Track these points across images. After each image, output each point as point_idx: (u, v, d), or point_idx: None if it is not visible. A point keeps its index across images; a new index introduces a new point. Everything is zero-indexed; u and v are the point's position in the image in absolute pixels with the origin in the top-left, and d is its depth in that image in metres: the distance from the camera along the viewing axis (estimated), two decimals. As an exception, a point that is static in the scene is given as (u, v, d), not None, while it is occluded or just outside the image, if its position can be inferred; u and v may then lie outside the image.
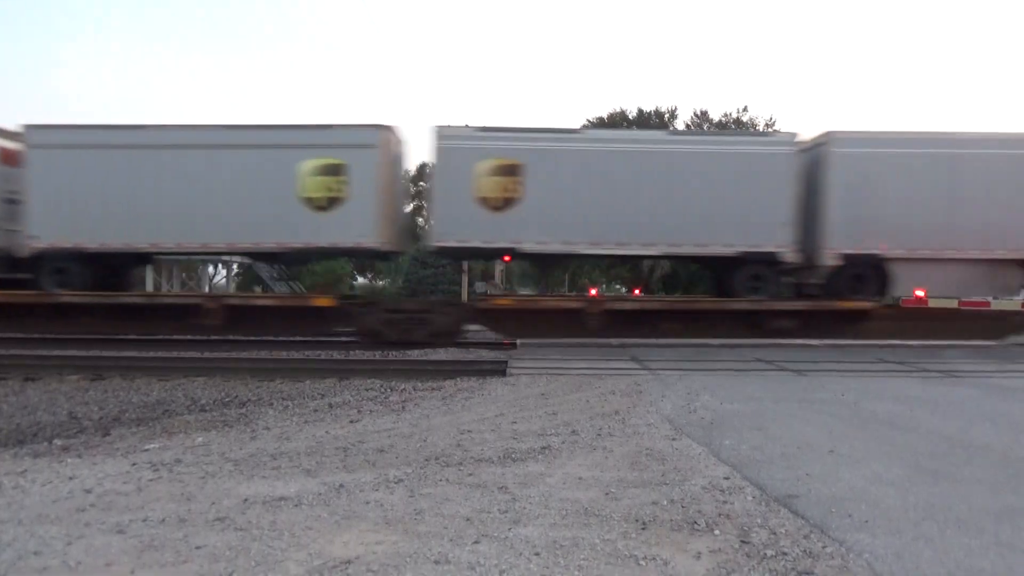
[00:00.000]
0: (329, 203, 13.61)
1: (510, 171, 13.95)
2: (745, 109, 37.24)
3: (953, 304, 16.05)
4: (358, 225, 13.58)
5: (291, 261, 17.18)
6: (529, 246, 14.14)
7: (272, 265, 19.41)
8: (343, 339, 14.47)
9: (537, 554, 3.23)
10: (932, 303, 15.46)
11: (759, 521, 3.69)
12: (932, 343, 14.55)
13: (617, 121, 36.48)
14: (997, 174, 13.83)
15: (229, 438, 6.58)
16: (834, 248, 13.81)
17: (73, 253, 13.68)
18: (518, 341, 14.63)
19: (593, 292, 25.01)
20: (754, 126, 34.90)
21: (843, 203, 13.73)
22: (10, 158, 14.11)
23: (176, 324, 14.24)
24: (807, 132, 14.87)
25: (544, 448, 5.39)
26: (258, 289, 22.48)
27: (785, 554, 3.23)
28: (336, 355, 12.54)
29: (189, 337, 14.23)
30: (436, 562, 3.14)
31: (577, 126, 14.16)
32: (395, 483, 4.46)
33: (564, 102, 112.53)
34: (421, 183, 28.64)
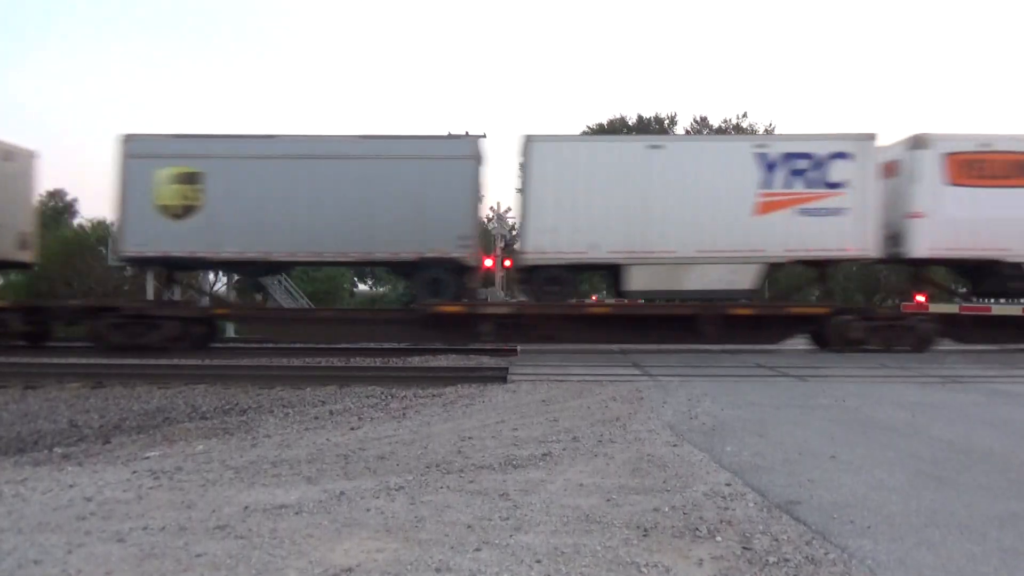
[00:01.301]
0: None
1: (190, 179, 14.00)
2: (745, 115, 37.40)
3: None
4: None
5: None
6: (213, 254, 14.21)
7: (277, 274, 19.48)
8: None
9: (539, 561, 3.22)
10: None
11: (761, 527, 3.68)
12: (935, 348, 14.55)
13: (617, 127, 36.58)
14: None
15: (230, 445, 6.57)
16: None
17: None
18: (518, 348, 14.64)
19: (593, 299, 24.96)
20: (754, 132, 34.99)
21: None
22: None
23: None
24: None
25: (545, 455, 5.38)
26: (259, 297, 22.47)
27: (787, 560, 3.22)
28: (337, 362, 12.54)
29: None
30: (437, 570, 3.13)
31: (273, 132, 14.35)
32: (396, 490, 4.45)
33: (564, 109, 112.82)
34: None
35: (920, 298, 14.83)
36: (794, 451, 5.52)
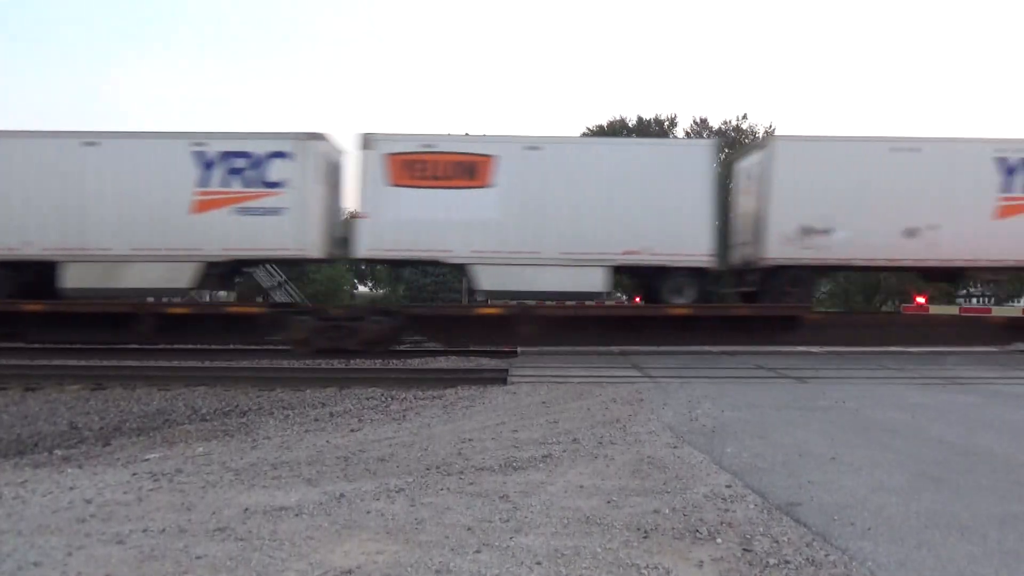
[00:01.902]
0: None
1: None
2: (744, 117, 37.43)
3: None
4: None
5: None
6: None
7: (272, 272, 19.42)
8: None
9: (539, 563, 3.22)
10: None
11: (761, 529, 3.68)
12: (935, 349, 14.56)
13: (617, 129, 36.61)
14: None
15: (230, 447, 6.57)
16: None
17: None
18: (519, 349, 14.64)
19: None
20: (753, 134, 35.04)
21: None
22: None
23: None
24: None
25: (545, 456, 5.38)
26: (259, 297, 22.43)
27: (788, 562, 3.22)
28: (337, 364, 12.54)
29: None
30: (437, 571, 3.13)
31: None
32: (396, 492, 4.45)
33: (565, 110, 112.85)
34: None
35: (920, 300, 14.85)
36: (794, 452, 5.52)
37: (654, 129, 36.97)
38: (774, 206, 14.00)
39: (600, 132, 37.45)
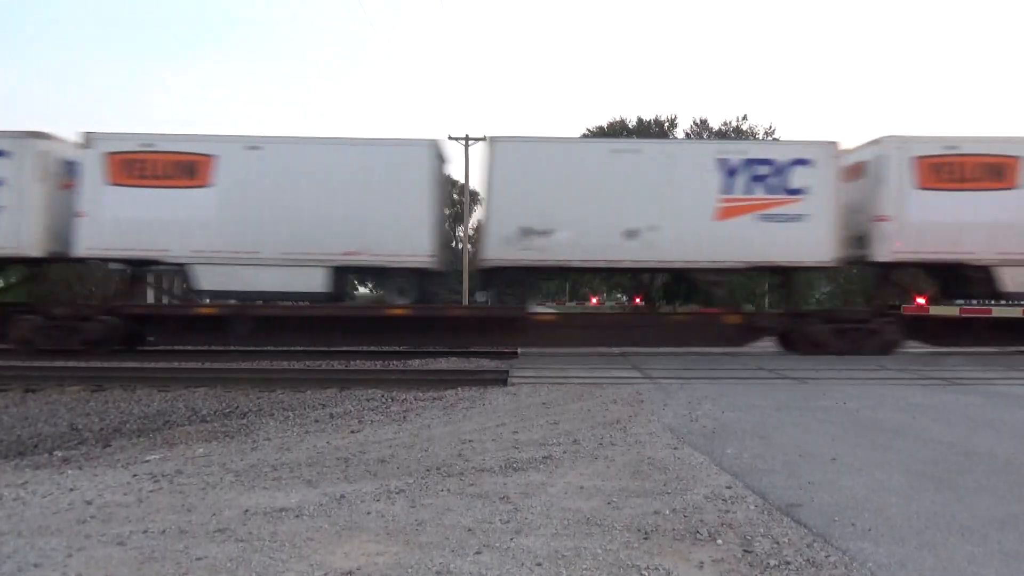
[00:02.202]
0: None
1: None
2: (745, 117, 37.45)
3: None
4: None
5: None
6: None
7: None
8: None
9: (539, 564, 3.22)
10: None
11: (762, 530, 3.68)
12: (935, 350, 14.54)
13: (617, 130, 36.63)
14: None
15: (230, 449, 6.56)
16: None
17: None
18: (519, 350, 14.63)
19: (594, 301, 24.96)
20: (753, 135, 35.06)
21: None
22: None
23: None
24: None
25: (546, 458, 5.38)
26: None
27: (788, 563, 3.22)
28: (337, 365, 12.54)
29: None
30: (438, 573, 3.12)
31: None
32: (396, 493, 4.45)
33: (566, 112, 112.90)
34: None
35: (920, 300, 14.82)
36: (795, 453, 5.51)
37: (654, 130, 36.99)
38: (494, 207, 14.04)
39: (600, 133, 37.46)
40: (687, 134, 37.18)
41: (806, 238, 13.93)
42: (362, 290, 45.41)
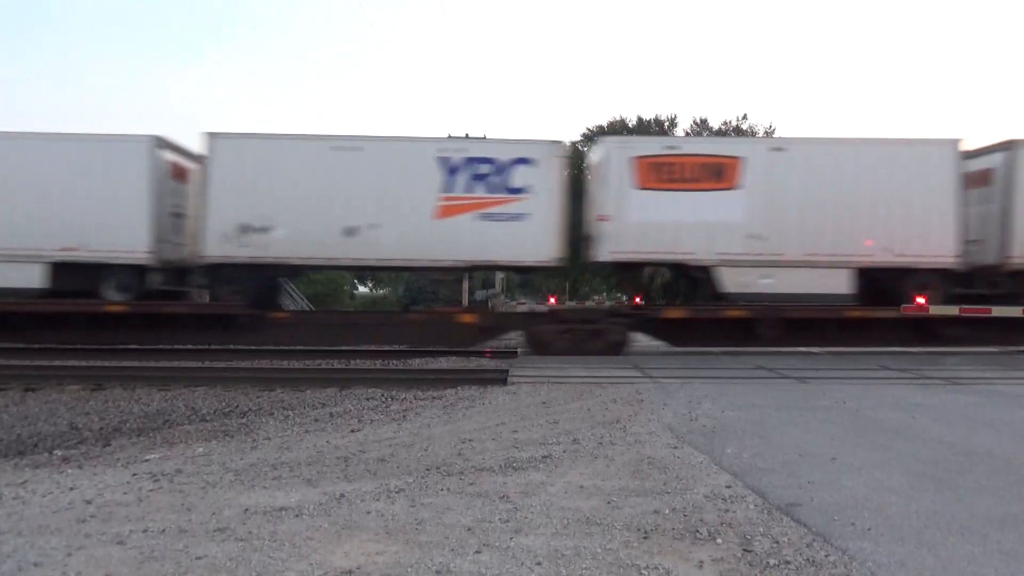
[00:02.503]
0: None
1: None
2: (744, 117, 37.45)
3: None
4: None
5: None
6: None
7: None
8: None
9: (539, 563, 3.22)
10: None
11: (761, 530, 3.68)
12: (935, 350, 14.54)
13: (617, 129, 36.60)
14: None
15: (230, 448, 6.56)
16: None
17: None
18: (519, 350, 14.63)
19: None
20: (753, 134, 35.04)
21: None
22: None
23: None
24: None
25: (545, 457, 5.38)
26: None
27: (788, 563, 3.22)
28: (337, 364, 12.54)
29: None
30: (437, 572, 3.13)
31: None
32: (396, 493, 4.45)
33: (565, 111, 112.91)
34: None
35: (920, 300, 14.82)
36: (794, 453, 5.51)
37: (654, 129, 36.95)
38: (212, 203, 14.02)
39: (600, 132, 37.39)
40: (687, 133, 37.13)
41: (528, 238, 13.96)
42: (362, 289, 45.43)
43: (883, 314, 14.30)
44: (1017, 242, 13.93)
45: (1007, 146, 14.32)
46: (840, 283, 13.97)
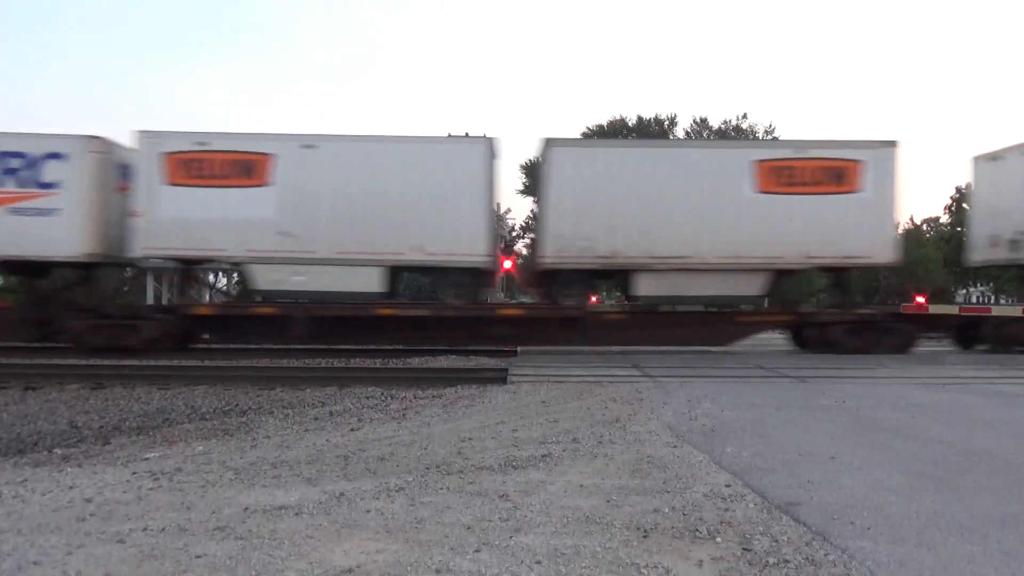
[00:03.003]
0: None
1: None
2: (744, 116, 37.44)
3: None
4: None
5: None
6: None
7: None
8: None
9: (539, 562, 3.22)
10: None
11: (761, 529, 3.68)
12: (935, 349, 14.55)
13: (617, 128, 36.62)
14: None
15: (229, 447, 6.56)
16: None
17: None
18: (518, 348, 14.64)
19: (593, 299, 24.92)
20: (753, 134, 35.06)
21: None
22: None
23: None
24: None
25: (545, 456, 5.38)
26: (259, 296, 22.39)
27: (787, 562, 3.22)
28: (337, 363, 12.54)
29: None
30: (437, 571, 3.12)
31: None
32: (396, 491, 4.45)
33: (565, 110, 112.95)
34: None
35: (920, 299, 14.83)
36: (794, 452, 5.51)
37: (654, 128, 36.97)
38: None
39: (601, 132, 37.40)
40: (687, 133, 37.14)
41: (58, 233, 13.87)
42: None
43: (414, 312, 14.53)
44: (548, 243, 14.05)
45: (542, 145, 14.41)
46: (371, 281, 14.02)
